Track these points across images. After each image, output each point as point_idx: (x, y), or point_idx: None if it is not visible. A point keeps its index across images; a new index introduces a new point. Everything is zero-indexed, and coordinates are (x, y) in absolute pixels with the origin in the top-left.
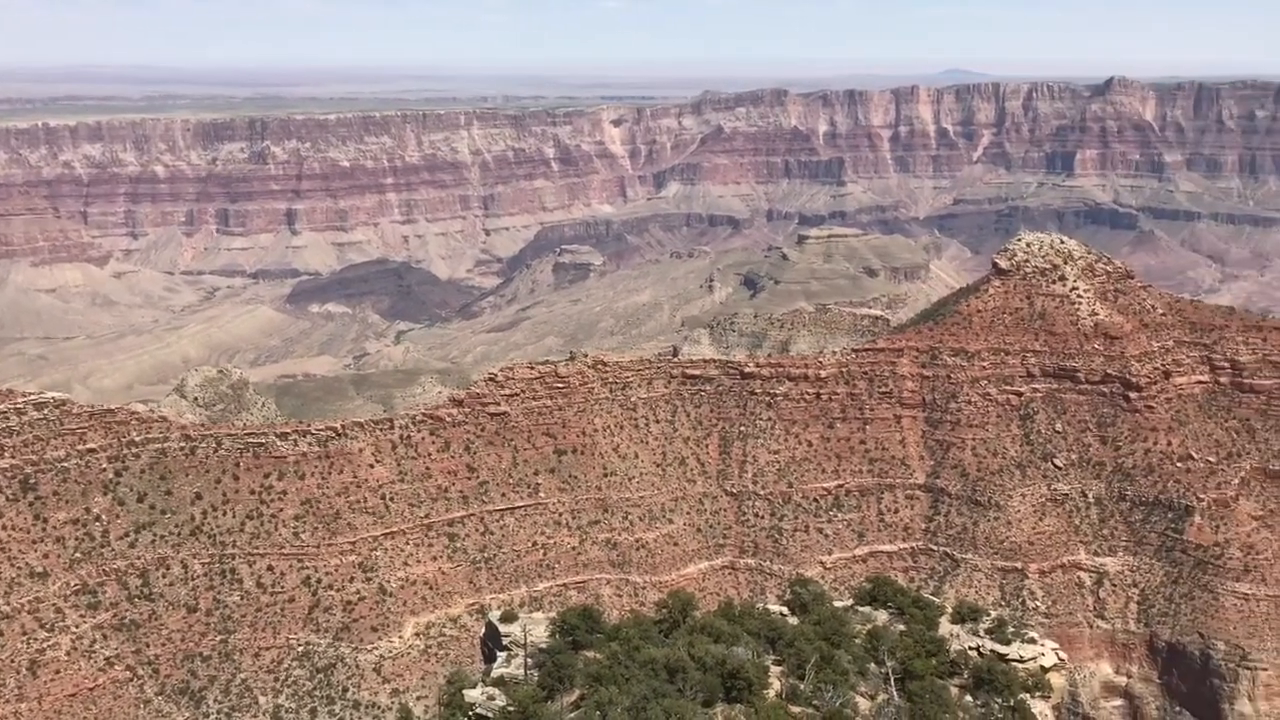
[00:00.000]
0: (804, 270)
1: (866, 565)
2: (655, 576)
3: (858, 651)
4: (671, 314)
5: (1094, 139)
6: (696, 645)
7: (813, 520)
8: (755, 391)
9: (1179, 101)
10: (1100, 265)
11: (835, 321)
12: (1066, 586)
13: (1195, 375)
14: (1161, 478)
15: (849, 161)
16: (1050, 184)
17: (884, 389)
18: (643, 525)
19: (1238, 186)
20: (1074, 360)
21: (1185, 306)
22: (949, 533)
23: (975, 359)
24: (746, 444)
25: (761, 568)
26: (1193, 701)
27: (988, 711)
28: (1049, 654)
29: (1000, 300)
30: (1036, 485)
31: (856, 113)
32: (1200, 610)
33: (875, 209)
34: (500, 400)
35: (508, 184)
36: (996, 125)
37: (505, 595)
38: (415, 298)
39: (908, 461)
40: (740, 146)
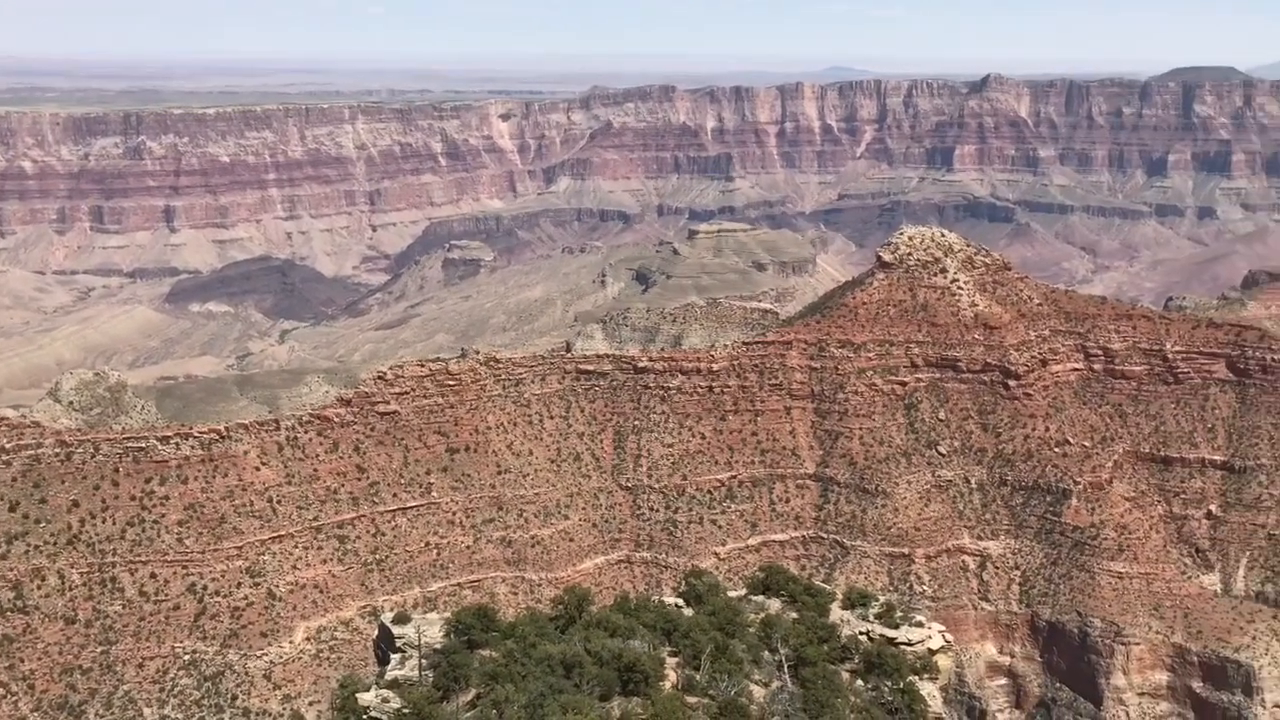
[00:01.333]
0: (695, 265)
1: (759, 555)
2: (551, 573)
3: (752, 640)
4: (564, 309)
5: (972, 135)
6: (593, 640)
7: (706, 512)
8: (649, 386)
9: (1052, 98)
10: (979, 258)
11: (726, 315)
12: (951, 570)
13: (1070, 363)
14: (1040, 462)
15: (737, 157)
16: (931, 179)
17: (774, 381)
18: (538, 522)
19: (1108, 181)
20: (955, 350)
21: (1060, 297)
22: (838, 520)
23: (861, 350)
24: (641, 438)
25: (657, 561)
26: (1072, 677)
27: (878, 695)
28: (936, 637)
29: (884, 293)
30: (921, 472)
31: (743, 109)
32: (1078, 589)
33: (763, 204)
34: (390, 399)
35: (394, 179)
36: (879, 121)
37: (398, 597)
38: (300, 296)
39: (798, 452)
40: (630, 142)
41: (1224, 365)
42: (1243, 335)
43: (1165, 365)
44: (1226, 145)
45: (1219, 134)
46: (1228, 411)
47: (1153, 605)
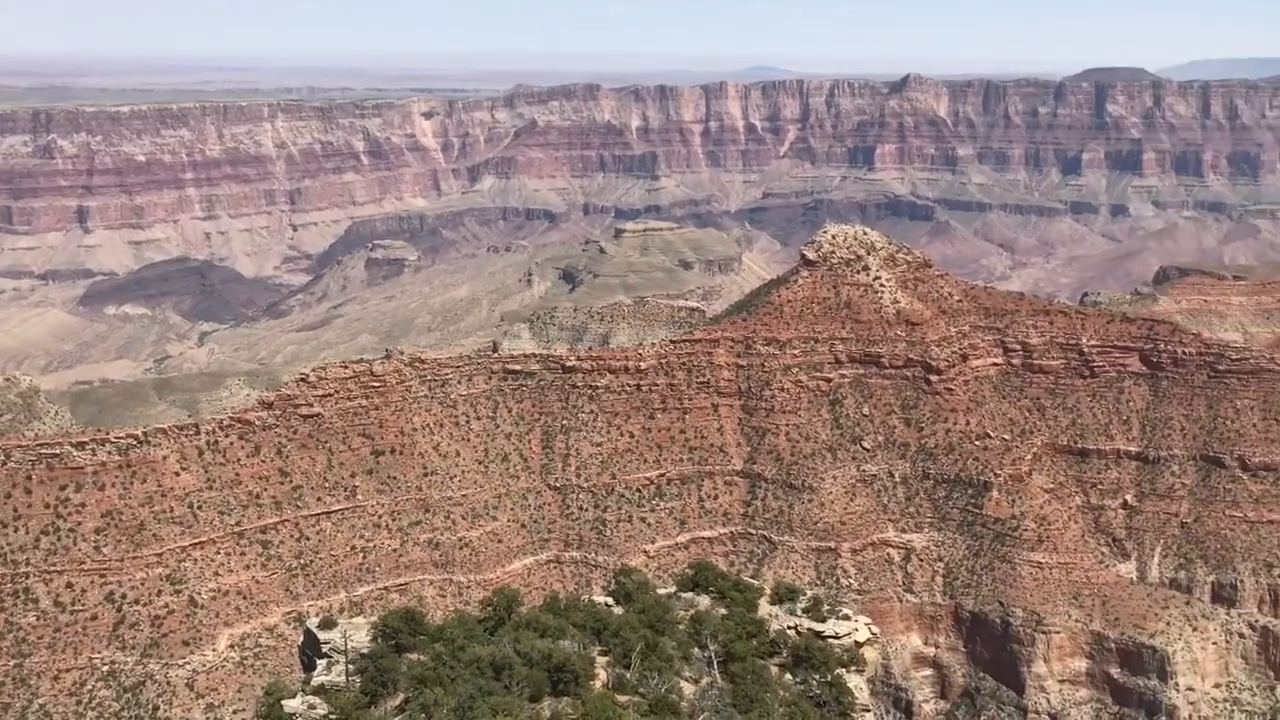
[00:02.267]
0: (622, 264)
1: (689, 552)
2: (480, 575)
3: (681, 637)
4: (490, 309)
5: (893, 134)
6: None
7: (636, 510)
8: (577, 385)
9: (969, 98)
10: (901, 255)
11: (653, 314)
12: (877, 563)
13: (990, 358)
14: (961, 456)
15: (662, 156)
16: (853, 178)
17: (702, 379)
18: (465, 524)
19: (1024, 179)
20: (878, 346)
21: (979, 293)
22: (766, 516)
23: (787, 347)
24: (569, 437)
25: (586, 560)
26: (995, 667)
27: (806, 688)
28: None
29: (809, 290)
30: (847, 467)
31: (668, 108)
32: (1000, 580)
33: (689, 203)
34: (313, 401)
35: (315, 178)
36: (801, 121)
37: (324, 601)
38: (219, 297)
39: (726, 449)
40: (555, 140)
41: (1138, 359)
42: (1155, 330)
43: (1081, 359)
44: (1138, 144)
45: (1130, 133)
46: (1141, 404)
47: (1072, 594)
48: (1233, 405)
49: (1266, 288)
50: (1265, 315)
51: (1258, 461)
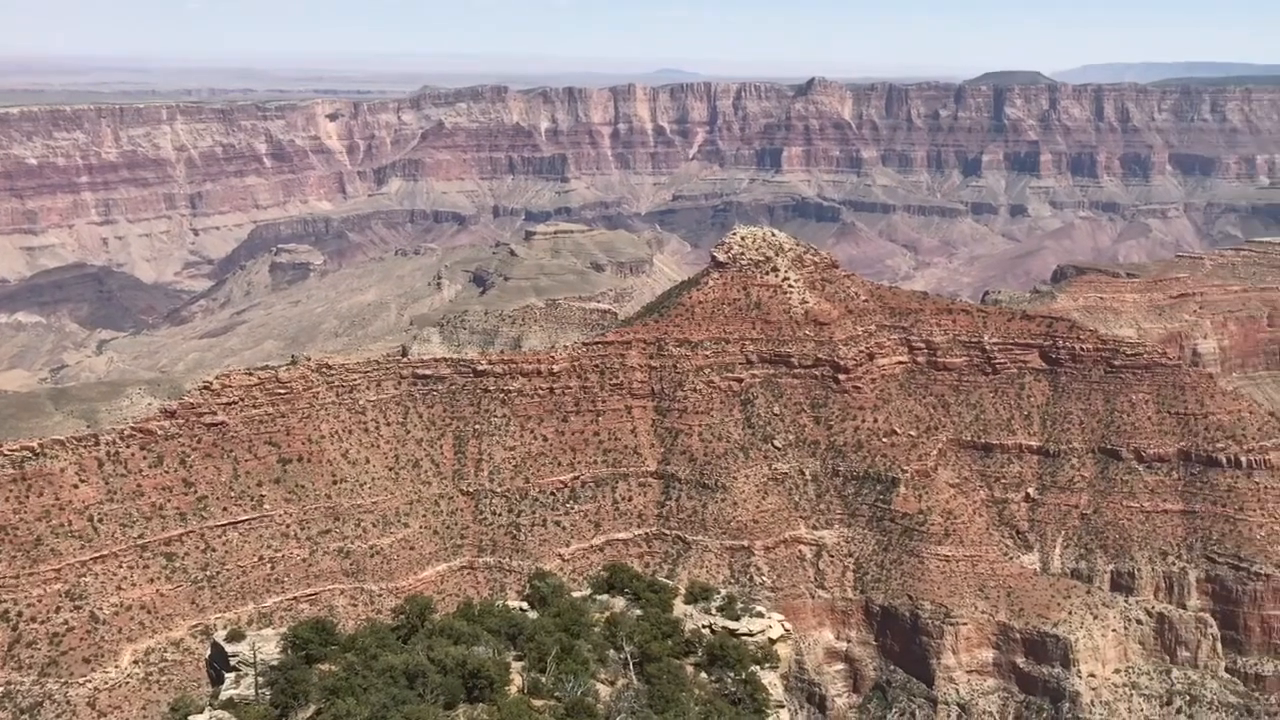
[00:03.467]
0: (533, 266)
1: (604, 554)
2: (392, 583)
3: (597, 640)
4: (399, 313)
5: (799, 137)
6: (436, 648)
7: (550, 514)
8: (489, 389)
9: (873, 101)
10: (808, 256)
11: (565, 316)
12: (789, 560)
13: (896, 356)
14: (870, 453)
15: (572, 158)
16: (761, 180)
17: (615, 381)
18: (376, 531)
19: (926, 180)
20: (788, 346)
21: (885, 293)
22: (680, 516)
23: (699, 348)
24: (482, 442)
25: (501, 565)
26: (905, 659)
27: (721, 686)
28: (776, 626)
29: (719, 292)
30: (759, 466)
31: (577, 110)
32: (908, 574)
33: (599, 205)
34: (217, 410)
35: (216, 181)
36: (710, 123)
37: (232, 614)
38: (118, 304)
39: (639, 450)
40: (463, 142)
41: (1037, 355)
42: (1054, 326)
43: (984, 356)
44: (1035, 146)
45: (1028, 135)
46: (1042, 399)
47: (978, 586)
48: (1128, 399)
49: (1158, 285)
50: (1158, 312)
51: (1152, 453)
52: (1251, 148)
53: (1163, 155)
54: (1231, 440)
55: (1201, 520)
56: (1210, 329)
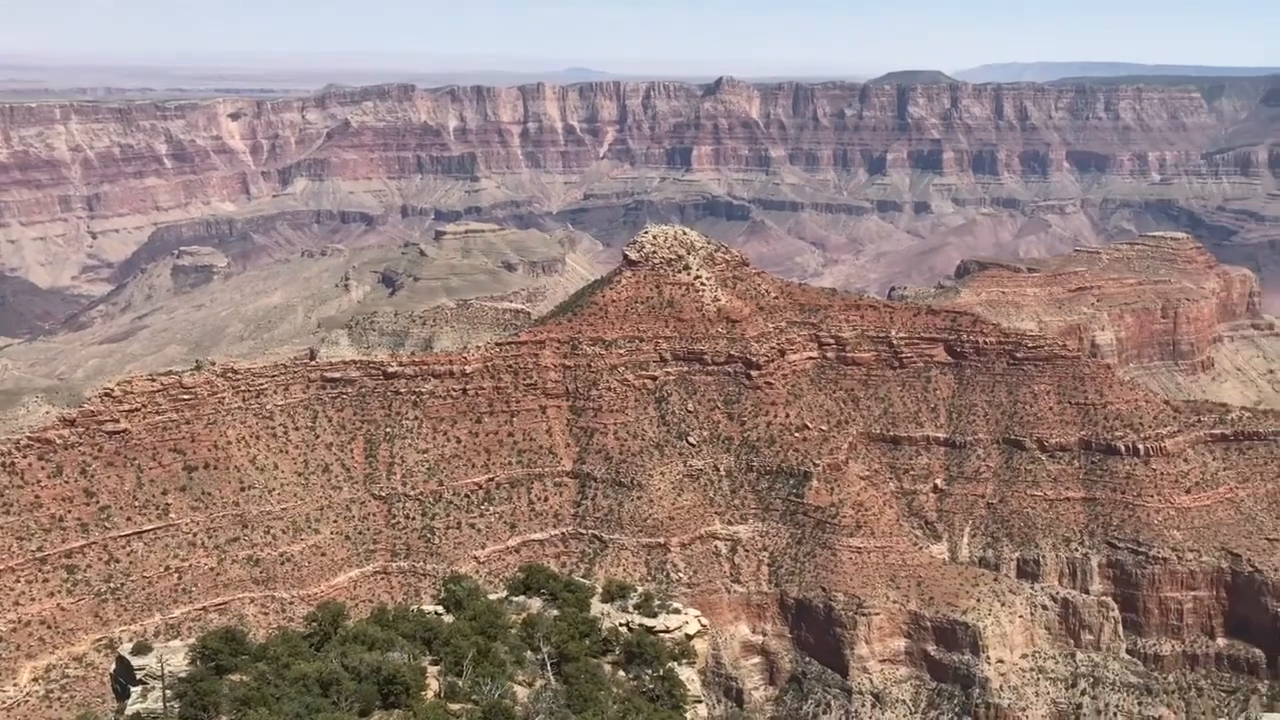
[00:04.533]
0: (443, 266)
1: (520, 555)
2: (303, 590)
3: (514, 641)
4: (306, 316)
5: (708, 136)
6: (350, 655)
7: (465, 516)
8: (400, 391)
9: (780, 100)
10: (720, 254)
11: (477, 316)
12: (705, 556)
13: (806, 352)
14: (782, 448)
15: (481, 157)
16: (671, 179)
17: (529, 381)
18: (287, 538)
19: (833, 179)
20: (701, 343)
21: (794, 290)
22: (596, 515)
23: (613, 347)
24: (393, 445)
25: (415, 569)
26: (820, 651)
27: (639, 683)
28: (692, 622)
29: (632, 290)
30: (674, 463)
31: (485, 109)
32: (822, 566)
33: (510, 204)
34: (119, 417)
35: (115, 183)
36: (619, 122)
37: (137, 626)
38: (11, 309)
39: (555, 450)
40: (370, 142)
41: (943, 349)
42: (958, 321)
43: (891, 351)
44: (938, 144)
45: (931, 134)
46: (948, 392)
47: (889, 576)
48: (1030, 391)
49: (1057, 279)
50: (1057, 305)
51: (1054, 443)
52: (1144, 145)
53: (1060, 153)
54: (1129, 429)
55: (1102, 507)
56: (1108, 321)
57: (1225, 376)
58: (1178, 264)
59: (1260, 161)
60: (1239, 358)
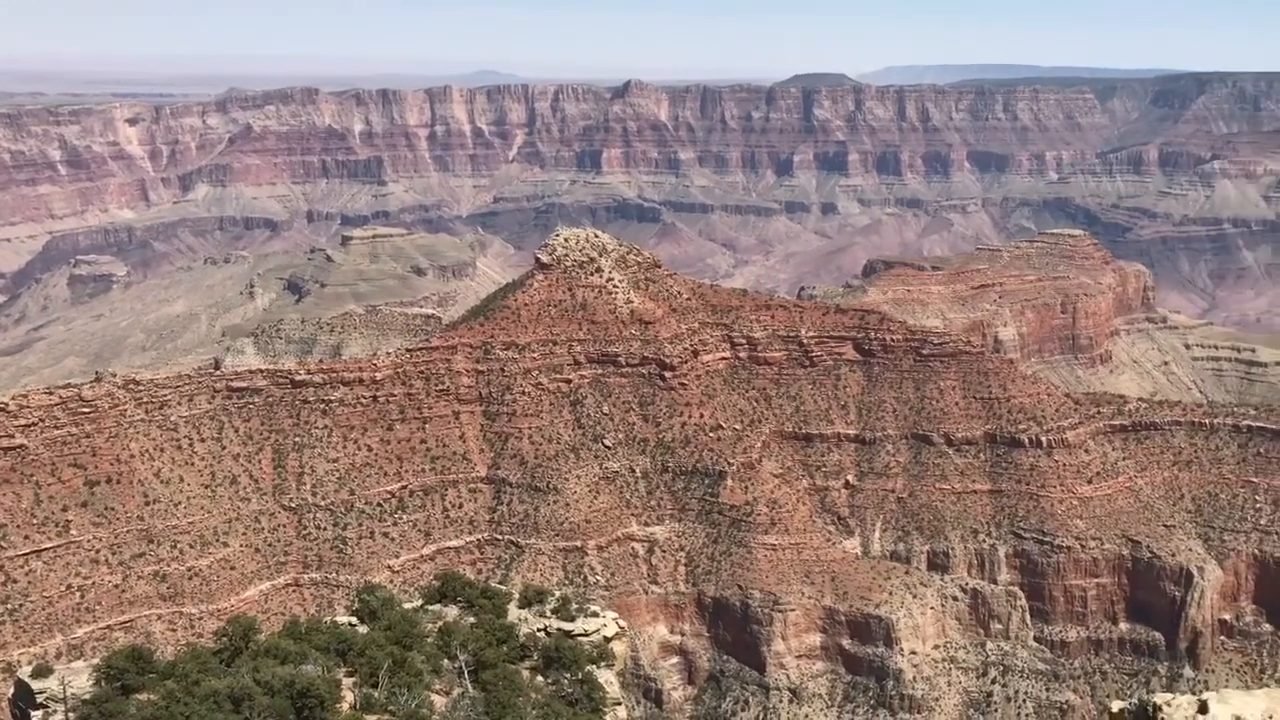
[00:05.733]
0: (351, 272)
1: (435, 563)
2: (213, 604)
3: (430, 650)
4: (210, 324)
5: (617, 138)
6: (262, 669)
7: (378, 525)
8: (309, 400)
9: (688, 103)
10: (632, 256)
11: (387, 322)
12: (622, 558)
13: (719, 352)
14: (697, 448)
15: (388, 161)
16: (582, 181)
17: (441, 387)
18: (194, 552)
19: (742, 181)
20: (615, 346)
21: (706, 291)
22: (512, 521)
23: (526, 351)
24: (303, 455)
25: (328, 580)
26: (737, 648)
27: (559, 688)
28: (610, 624)
29: (545, 293)
30: (590, 466)
31: (392, 112)
32: (738, 564)
33: (418, 208)
34: (14, 432)
35: (6, 190)
36: (528, 125)
37: (37, 648)
38: None
39: (469, 456)
40: (273, 146)
41: (851, 347)
42: (866, 319)
43: (802, 350)
44: (843, 146)
45: (836, 136)
46: (857, 389)
47: (804, 573)
48: (937, 386)
49: (961, 277)
50: (961, 302)
51: (960, 437)
52: (1041, 145)
53: (961, 153)
54: (1032, 422)
55: (1008, 499)
56: (1009, 317)
57: (1123, 369)
58: (1075, 260)
59: (1151, 160)
60: (1135, 350)
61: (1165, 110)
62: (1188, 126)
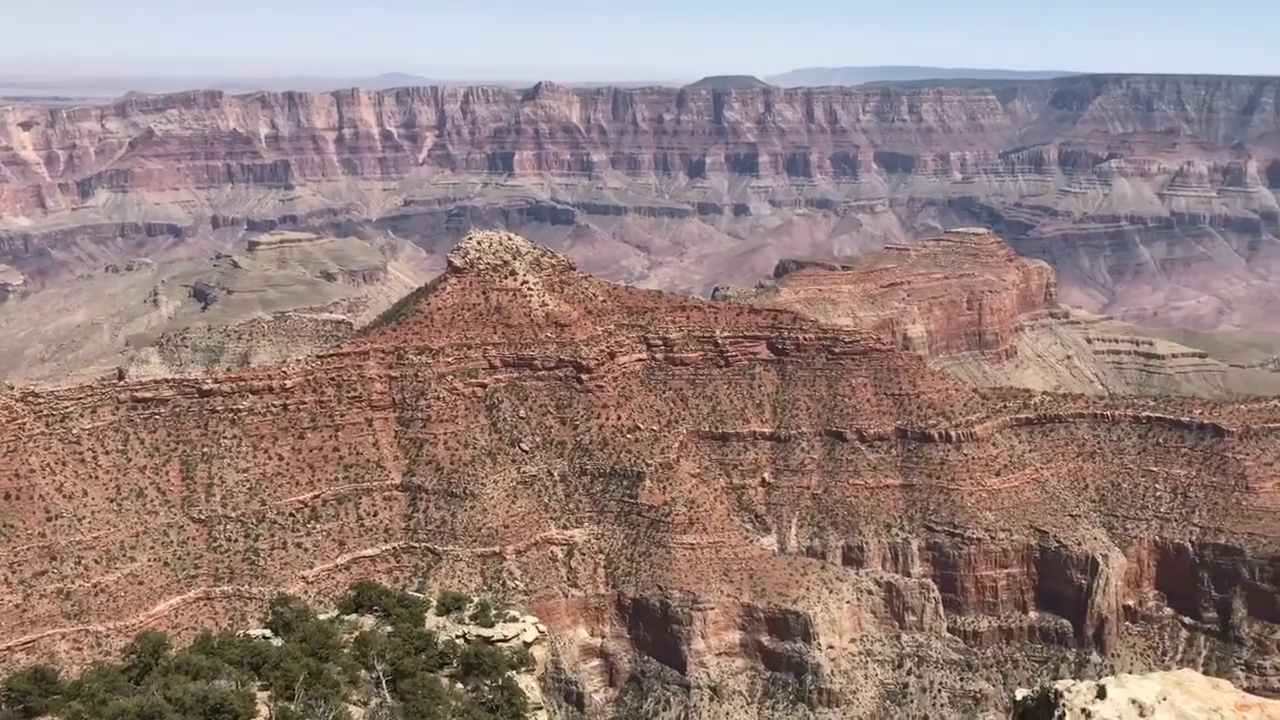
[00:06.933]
0: (258, 278)
1: (350, 573)
2: (120, 621)
3: (347, 661)
4: (113, 334)
5: (529, 140)
6: (172, 686)
7: (291, 536)
8: (217, 409)
9: (599, 105)
10: (546, 259)
11: (296, 329)
12: (541, 562)
13: (635, 354)
14: (615, 449)
15: (295, 164)
16: (494, 184)
17: (353, 393)
18: (100, 568)
19: (655, 183)
20: (530, 349)
21: (621, 293)
22: (429, 528)
23: (440, 355)
24: (211, 466)
25: (240, 593)
26: (658, 649)
27: (479, 695)
28: (530, 629)
29: (458, 297)
30: (507, 470)
31: (298, 115)
32: (657, 565)
33: (327, 212)
34: None
35: None
36: (438, 127)
37: None
38: None
39: (383, 463)
40: (176, 150)
41: (765, 346)
42: (779, 319)
43: (717, 350)
44: (753, 148)
45: (746, 137)
46: (771, 388)
47: (722, 571)
48: (849, 384)
49: (870, 275)
50: (871, 300)
51: (873, 433)
52: (945, 145)
53: (869, 154)
54: (942, 417)
55: (919, 493)
56: (918, 314)
57: (1027, 363)
58: (980, 258)
59: (1051, 160)
60: (1039, 345)
61: (1064, 111)
62: (1085, 127)
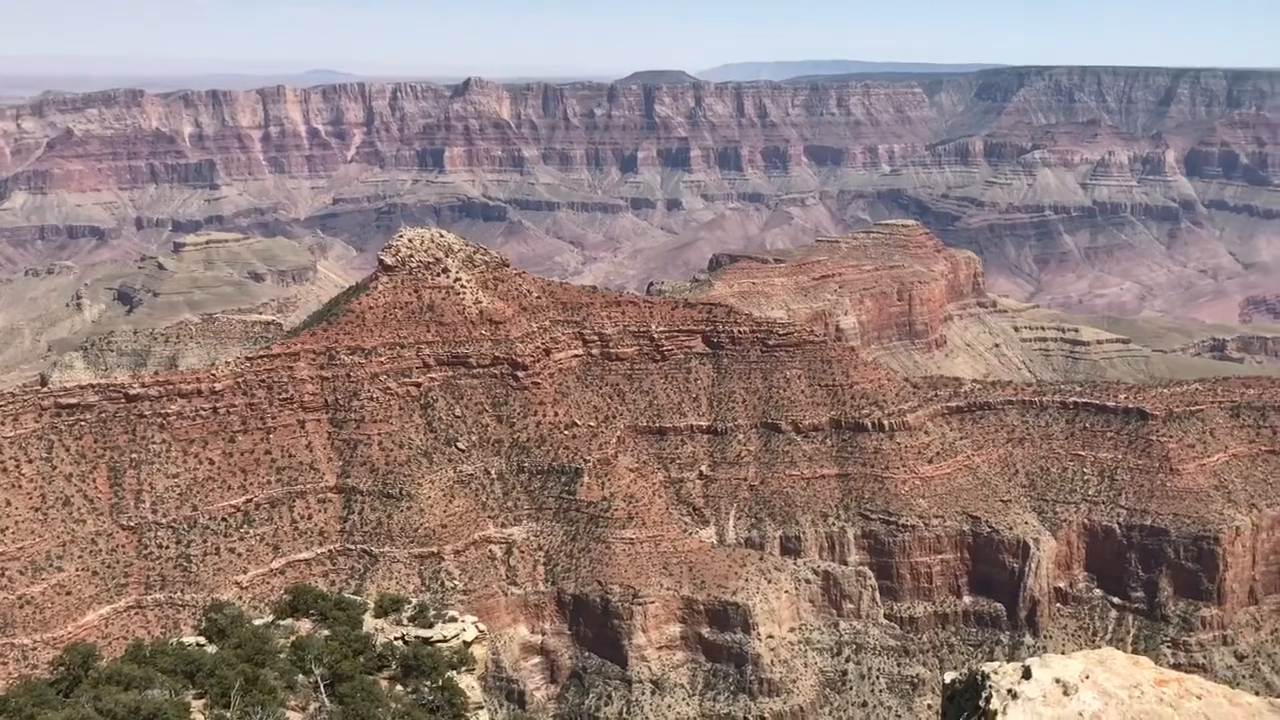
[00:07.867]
0: (185, 279)
1: (285, 577)
2: (48, 633)
3: (284, 666)
4: (34, 339)
5: (459, 137)
6: (104, 698)
7: (223, 541)
8: (144, 414)
9: (530, 101)
10: (479, 256)
11: (225, 330)
12: (480, 561)
13: (571, 350)
14: (553, 446)
15: (220, 164)
16: (424, 181)
17: (284, 395)
18: (25, 579)
19: (587, 178)
20: (465, 347)
21: (556, 289)
22: (365, 529)
23: (373, 355)
24: (140, 471)
25: (172, 600)
26: (599, 644)
27: (419, 696)
28: (469, 628)
29: (390, 296)
30: (444, 470)
31: (223, 113)
32: (597, 560)
33: (254, 211)
34: None
35: None
36: (367, 125)
37: None
38: None
39: (316, 465)
40: (96, 151)
41: (700, 340)
42: (713, 312)
43: (652, 345)
44: (685, 142)
45: (678, 132)
46: (707, 381)
47: (662, 565)
48: (783, 376)
49: (802, 268)
50: (803, 293)
51: (807, 424)
52: (874, 138)
53: (798, 148)
54: (875, 406)
55: (855, 482)
56: (850, 306)
57: (957, 352)
58: (909, 249)
59: (977, 151)
60: (968, 334)
61: (989, 103)
62: (1010, 118)
